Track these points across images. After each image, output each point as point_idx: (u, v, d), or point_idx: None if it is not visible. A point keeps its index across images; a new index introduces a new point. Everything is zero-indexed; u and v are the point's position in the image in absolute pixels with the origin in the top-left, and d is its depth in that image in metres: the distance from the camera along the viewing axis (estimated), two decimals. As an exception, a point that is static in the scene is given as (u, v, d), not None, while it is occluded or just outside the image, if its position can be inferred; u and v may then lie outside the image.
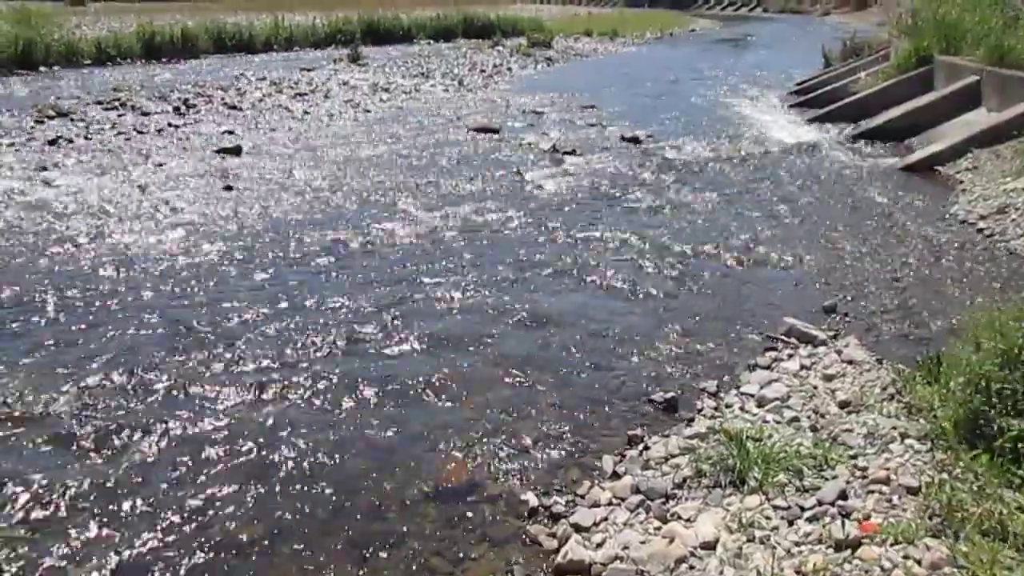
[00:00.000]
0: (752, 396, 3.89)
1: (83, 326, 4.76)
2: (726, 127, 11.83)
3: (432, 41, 26.42)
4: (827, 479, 3.03)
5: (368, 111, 13.19)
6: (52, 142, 10.04)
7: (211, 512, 3.09)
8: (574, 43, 27.39)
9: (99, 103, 12.99)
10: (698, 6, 65.14)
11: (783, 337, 4.60)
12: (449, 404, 3.93)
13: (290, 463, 3.42)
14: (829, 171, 9.01)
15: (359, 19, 25.82)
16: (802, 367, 4.20)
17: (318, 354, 4.42)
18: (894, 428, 3.36)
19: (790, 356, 4.35)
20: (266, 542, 2.94)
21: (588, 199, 7.73)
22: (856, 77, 13.78)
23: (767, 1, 62.93)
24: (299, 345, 4.52)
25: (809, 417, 3.61)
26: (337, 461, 3.44)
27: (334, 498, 3.19)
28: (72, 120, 11.58)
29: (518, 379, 4.17)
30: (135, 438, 3.59)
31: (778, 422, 3.56)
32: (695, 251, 6.20)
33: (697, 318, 4.95)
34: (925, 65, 11.76)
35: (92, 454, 3.47)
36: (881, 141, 10.52)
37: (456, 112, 13.06)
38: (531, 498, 3.16)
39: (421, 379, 4.15)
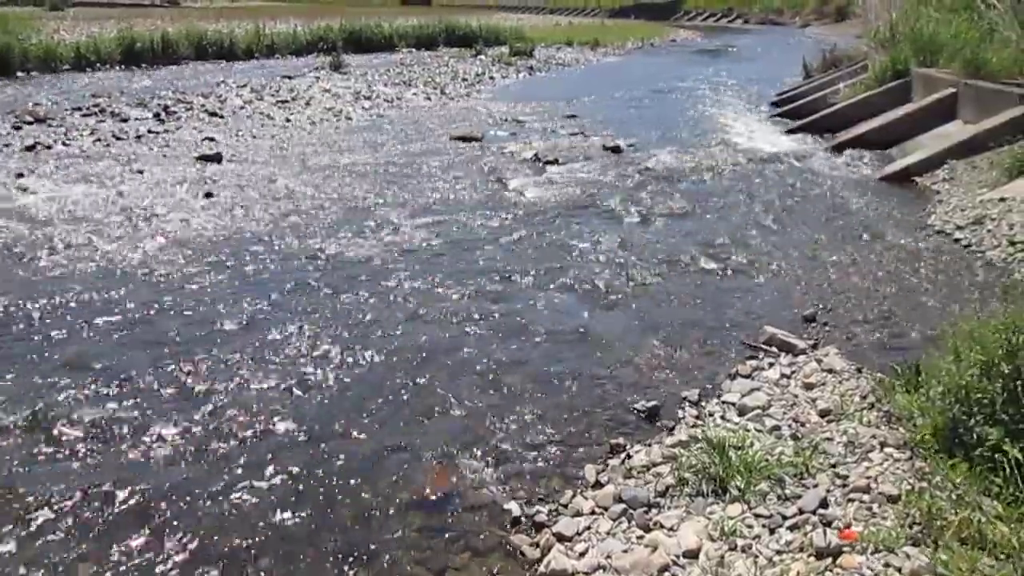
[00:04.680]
0: (733, 405, 3.91)
1: (60, 334, 4.71)
2: (707, 137, 11.91)
3: (414, 50, 26.43)
4: (808, 488, 3.05)
5: (350, 119, 13.17)
6: (29, 148, 9.95)
7: (190, 520, 3.06)
8: (556, 52, 27.47)
9: (78, 109, 12.90)
10: (679, 17, 65.51)
11: (764, 346, 4.63)
12: (431, 413, 3.92)
13: (271, 473, 3.39)
14: (809, 181, 9.09)
15: (341, 27, 25.79)
16: (783, 376, 4.22)
17: (298, 363, 4.40)
18: (874, 437, 3.38)
19: (771, 365, 4.38)
20: (246, 552, 2.91)
21: (570, 208, 7.75)
22: (835, 88, 13.89)
23: (747, 13, 63.41)
24: (278, 354, 4.49)
25: (790, 426, 3.63)
26: (318, 471, 3.42)
27: (315, 508, 3.17)
28: (50, 126, 11.50)
29: (500, 388, 4.17)
30: (113, 447, 3.55)
31: (759, 431, 3.58)
32: (676, 260, 6.23)
33: (678, 327, 4.97)
34: (902, 77, 11.90)
35: (71, 462, 3.43)
36: (860, 152, 10.62)
37: (438, 121, 13.07)
38: (514, 507, 3.16)
39: (402, 388, 4.14)
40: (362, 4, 60.03)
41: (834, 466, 3.20)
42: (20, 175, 8.58)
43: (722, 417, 3.80)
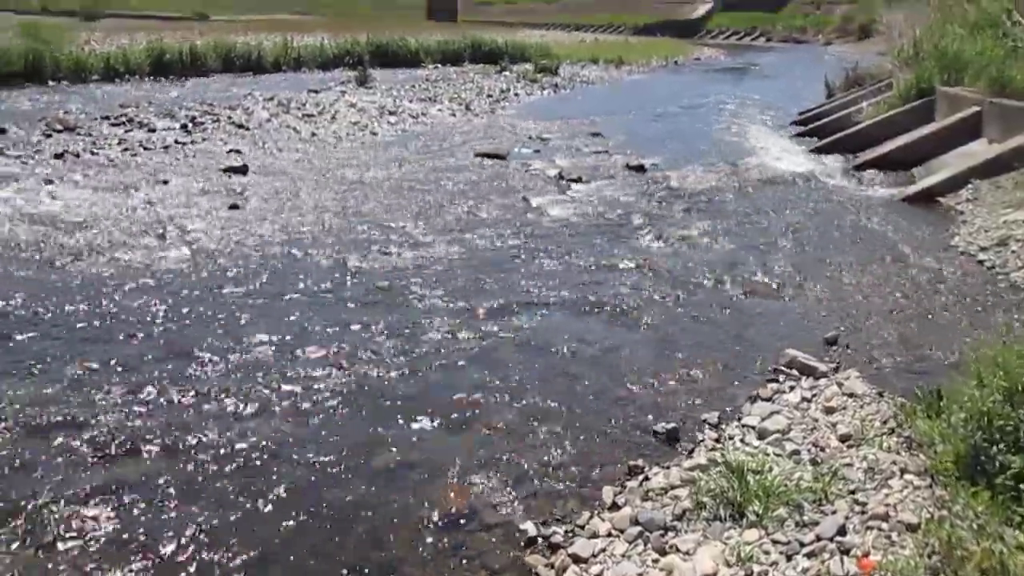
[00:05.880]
0: (753, 428, 3.89)
1: (85, 341, 4.77)
2: (729, 156, 11.89)
3: (440, 65, 26.56)
4: (827, 514, 3.02)
5: (375, 134, 13.27)
6: (58, 156, 10.11)
7: (206, 533, 3.09)
8: (580, 70, 27.53)
9: (106, 118, 13.08)
10: (703, 35, 65.52)
11: (785, 369, 4.60)
12: (450, 431, 3.94)
13: (289, 487, 3.42)
14: (831, 201, 9.04)
15: (367, 42, 25.98)
16: (803, 399, 4.20)
17: (319, 376, 4.43)
18: (894, 463, 3.35)
19: (791, 388, 4.36)
20: (262, 566, 2.94)
21: (593, 227, 7.76)
22: (858, 107, 13.84)
23: (771, 31, 63.34)
24: (301, 366, 4.53)
25: (809, 450, 3.61)
26: (336, 486, 3.44)
27: (332, 523, 3.19)
28: (79, 134, 11.66)
29: (520, 407, 4.18)
30: (134, 455, 3.59)
31: (779, 455, 3.56)
32: (698, 280, 6.22)
33: (699, 348, 4.96)
34: (926, 96, 11.84)
35: (93, 468, 3.47)
36: (883, 171, 10.57)
37: (463, 137, 13.13)
38: (530, 527, 3.16)
39: (422, 405, 4.15)
40: (389, 19, 60.54)
41: (853, 492, 3.17)
42: (49, 182, 8.72)
43: (741, 440, 3.79)
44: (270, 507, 3.28)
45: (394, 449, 3.74)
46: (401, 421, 4.00)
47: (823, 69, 20.05)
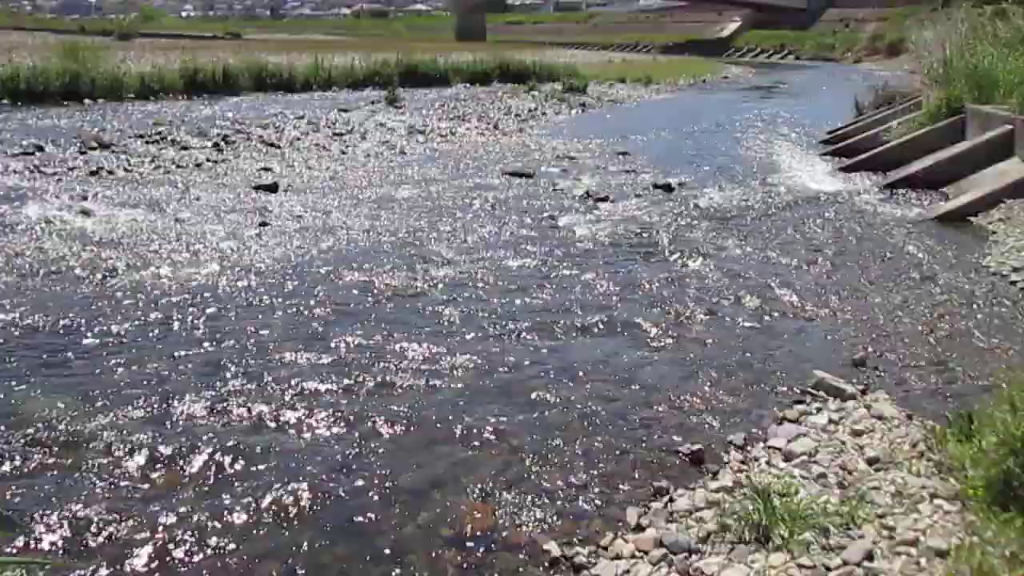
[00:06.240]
0: (779, 450, 3.85)
1: (117, 356, 4.85)
2: (757, 175, 11.85)
3: (468, 85, 26.75)
4: (854, 538, 2.99)
5: (404, 153, 13.39)
6: (93, 173, 10.30)
7: (229, 546, 3.12)
8: (608, 89, 27.60)
9: (140, 136, 13.31)
10: (730, 53, 65.49)
11: (812, 390, 4.56)
12: (474, 449, 3.94)
13: (312, 502, 3.44)
14: (860, 221, 8.98)
15: (397, 62, 26.24)
16: (830, 421, 4.16)
17: (345, 393, 4.46)
18: (923, 487, 3.31)
19: (819, 410, 4.31)
20: (288, 583, 2.95)
21: (619, 246, 7.77)
22: (888, 126, 13.73)
23: (799, 49, 63.16)
24: (326, 384, 4.56)
25: (837, 473, 3.57)
26: (360, 503, 3.46)
27: (356, 539, 3.21)
28: (113, 152, 11.88)
29: (543, 426, 4.17)
30: (162, 467, 3.64)
31: (805, 477, 3.53)
32: (724, 300, 6.20)
33: (725, 368, 4.93)
34: (957, 114, 11.72)
35: (123, 482, 3.52)
36: (913, 190, 10.47)
37: (490, 156, 13.21)
38: (553, 547, 3.15)
39: (447, 423, 4.16)
40: (419, 39, 61.16)
41: (881, 517, 3.14)
42: (83, 198, 8.89)
43: (767, 463, 3.75)
44: (294, 522, 3.30)
45: (418, 467, 3.75)
46: (425, 439, 4.01)
47: (852, 87, 19.95)
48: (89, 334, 5.21)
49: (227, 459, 3.75)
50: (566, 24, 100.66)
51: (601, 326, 5.63)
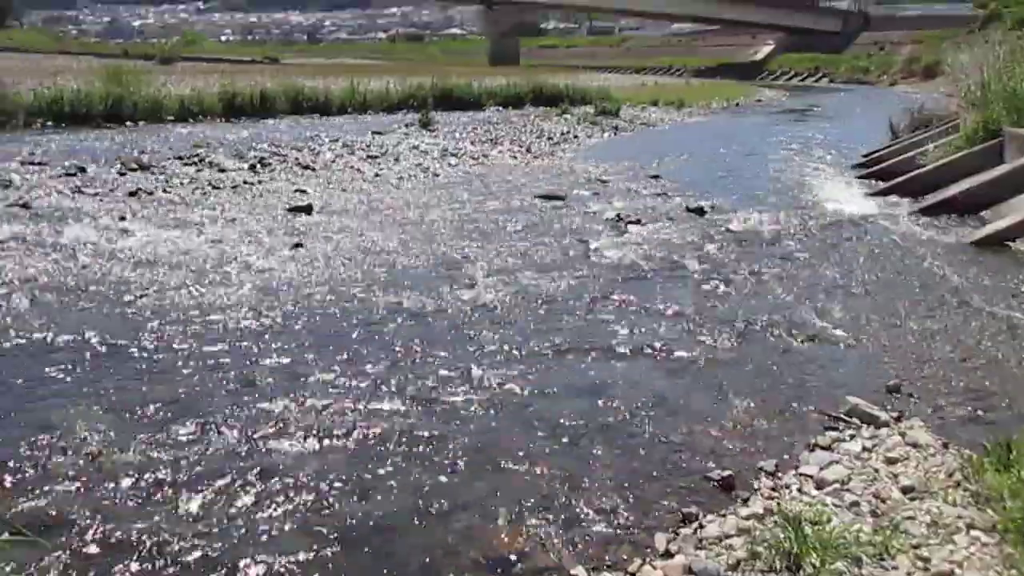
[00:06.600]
0: (811, 477, 3.81)
1: (152, 373, 4.93)
2: (790, 199, 11.78)
3: (501, 108, 26.89)
4: (887, 569, 2.94)
5: (437, 175, 13.49)
6: (132, 193, 10.49)
7: (259, 566, 3.14)
8: (640, 112, 27.62)
9: (179, 158, 13.53)
10: (764, 76, 65.33)
11: (845, 417, 4.50)
12: (503, 471, 3.94)
13: (338, 523, 3.46)
14: (895, 245, 8.88)
15: (432, 85, 26.50)
16: (864, 449, 4.10)
17: (374, 414, 4.49)
18: (960, 518, 3.26)
19: (851, 437, 4.26)
20: (317, 603, 2.96)
21: (651, 269, 7.75)
22: (924, 149, 13.58)
23: (833, 72, 62.87)
24: (356, 404, 4.59)
25: (870, 502, 3.52)
26: (387, 524, 3.47)
27: (382, 562, 3.21)
28: (153, 173, 12.08)
29: (573, 449, 4.17)
30: (191, 485, 3.68)
31: (837, 506, 3.48)
32: (756, 325, 6.15)
33: (756, 394, 4.89)
34: (995, 137, 11.56)
35: (153, 498, 3.57)
36: (950, 215, 10.34)
37: (522, 178, 13.27)
38: (580, 572, 3.13)
39: (476, 445, 4.17)
40: (453, 63, 61.79)
41: (916, 547, 3.08)
42: (122, 218, 9.06)
43: (799, 490, 3.71)
44: (320, 542, 3.32)
45: (446, 488, 3.76)
46: (454, 462, 4.02)
47: (887, 110, 19.78)
48: (125, 351, 5.30)
49: (256, 478, 3.78)
50: (599, 48, 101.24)
51: (631, 349, 5.61)
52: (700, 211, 10.51)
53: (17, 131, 16.04)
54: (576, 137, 20.10)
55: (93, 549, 3.23)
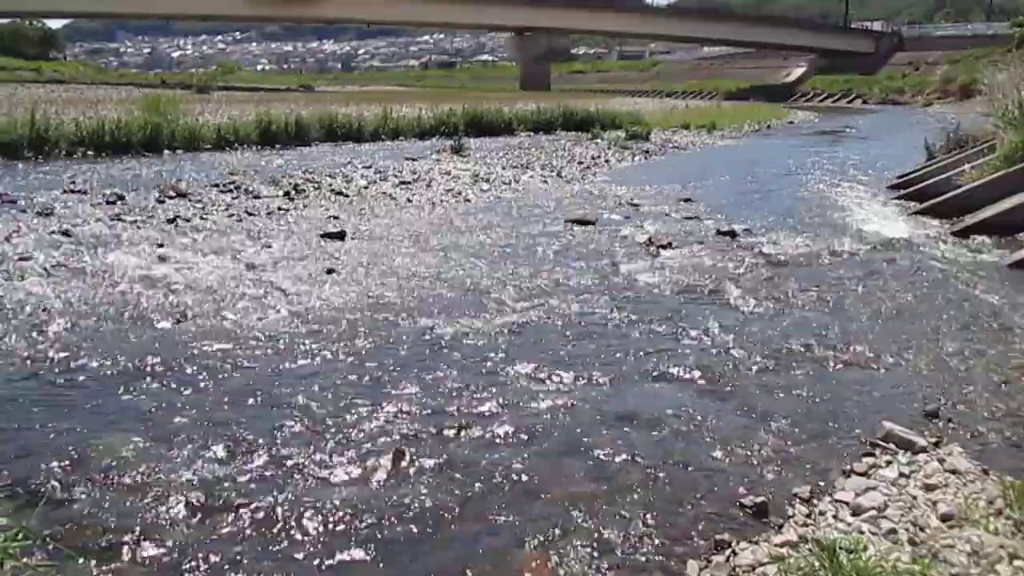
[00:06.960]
0: (847, 504, 3.75)
1: (186, 398, 4.99)
2: (824, 221, 11.68)
3: (532, 133, 27.05)
4: (926, 599, 2.89)
5: (468, 200, 13.57)
6: (170, 220, 10.68)
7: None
8: (671, 136, 27.61)
9: (215, 186, 13.77)
10: (796, 98, 65.06)
11: (881, 442, 4.44)
12: (532, 497, 3.93)
13: (369, 551, 3.46)
14: (931, 267, 8.76)
15: (463, 112, 26.74)
16: (901, 475, 4.03)
17: (403, 439, 4.50)
18: (1001, 547, 3.18)
19: (888, 463, 4.19)
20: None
21: (682, 293, 7.72)
22: (960, 170, 13.40)
23: (866, 93, 62.41)
24: (387, 429, 4.62)
25: (907, 529, 3.46)
26: (415, 549, 3.47)
27: (416, 587, 3.22)
28: (190, 201, 12.30)
29: (604, 475, 4.15)
30: (221, 510, 3.71)
31: (874, 533, 3.42)
32: (789, 349, 6.09)
33: (791, 419, 4.84)
34: (1033, 158, 11.41)
35: (186, 520, 3.61)
36: (987, 236, 10.19)
37: (553, 203, 13.30)
38: (612, 600, 3.12)
39: (505, 469, 4.17)
40: (484, 89, 62.28)
41: (955, 577, 3.03)
42: (160, 245, 9.22)
43: (834, 517, 3.65)
44: (352, 564, 3.33)
45: (476, 515, 3.75)
46: (482, 488, 4.02)
47: (922, 131, 19.59)
48: (161, 376, 5.37)
49: (285, 502, 3.81)
50: (630, 72, 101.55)
51: (662, 373, 5.59)
52: (732, 234, 10.47)
53: (60, 160, 16.46)
54: (607, 161, 20.13)
55: (138, 571, 3.27)
